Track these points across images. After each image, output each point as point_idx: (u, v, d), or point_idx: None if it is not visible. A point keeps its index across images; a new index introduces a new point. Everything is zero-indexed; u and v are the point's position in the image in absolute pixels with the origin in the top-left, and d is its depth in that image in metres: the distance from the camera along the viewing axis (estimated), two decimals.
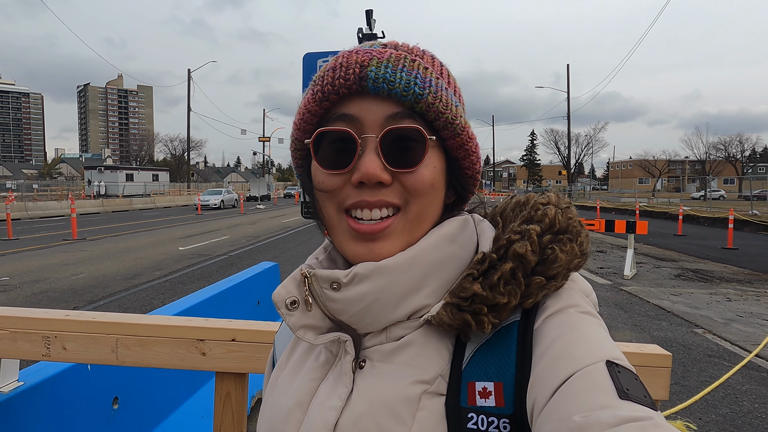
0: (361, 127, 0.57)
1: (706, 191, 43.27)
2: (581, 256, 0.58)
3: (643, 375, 1.32)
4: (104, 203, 33.00)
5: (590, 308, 0.56)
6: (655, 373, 1.33)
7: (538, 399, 0.47)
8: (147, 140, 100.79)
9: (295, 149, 0.67)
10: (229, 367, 1.48)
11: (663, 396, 1.35)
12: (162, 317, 1.58)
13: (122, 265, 10.47)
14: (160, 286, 8.45)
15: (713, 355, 5.20)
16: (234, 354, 1.47)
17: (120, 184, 49.14)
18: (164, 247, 13.46)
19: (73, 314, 1.56)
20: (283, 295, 0.62)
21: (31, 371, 1.90)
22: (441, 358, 0.56)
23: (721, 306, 7.34)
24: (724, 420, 3.77)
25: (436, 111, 0.58)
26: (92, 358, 1.52)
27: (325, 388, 0.59)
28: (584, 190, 64.01)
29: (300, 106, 0.63)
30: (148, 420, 2.53)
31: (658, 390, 1.34)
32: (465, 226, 0.63)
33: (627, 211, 30.01)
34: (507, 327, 0.55)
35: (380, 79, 0.56)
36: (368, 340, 0.59)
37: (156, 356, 1.50)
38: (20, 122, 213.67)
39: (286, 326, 0.75)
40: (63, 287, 8.30)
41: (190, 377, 2.99)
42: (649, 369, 1.33)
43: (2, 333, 1.54)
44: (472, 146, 0.63)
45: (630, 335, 5.87)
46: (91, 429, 2.10)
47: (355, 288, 0.57)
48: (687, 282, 9.22)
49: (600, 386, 0.44)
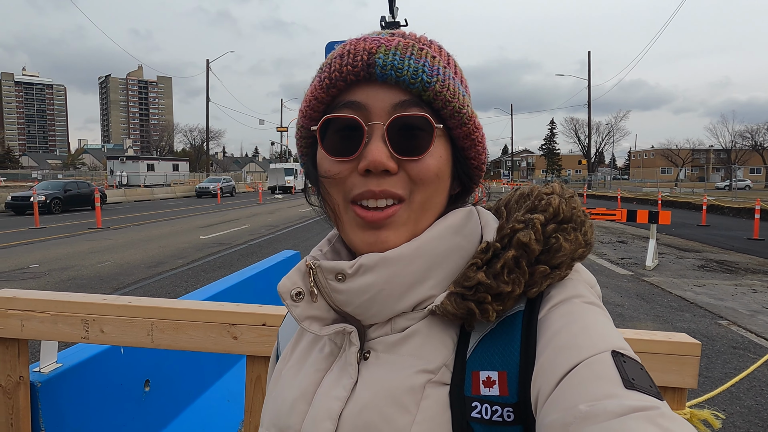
0: (368, 114, 0.57)
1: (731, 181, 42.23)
2: (585, 246, 0.58)
3: (671, 363, 1.33)
4: (126, 193, 33.61)
5: (595, 299, 0.56)
6: (683, 361, 1.33)
7: (543, 388, 0.47)
8: (167, 131, 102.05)
9: (301, 137, 0.66)
10: (260, 351, 1.51)
11: (691, 384, 1.34)
12: (195, 302, 1.62)
13: (146, 254, 10.69)
14: (183, 273, 8.61)
15: (738, 347, 5.12)
16: (265, 338, 1.50)
17: (141, 174, 49.93)
18: (186, 236, 13.68)
19: (110, 298, 1.61)
20: (288, 287, 0.62)
21: (68, 353, 1.97)
22: (445, 348, 0.56)
23: (746, 297, 7.20)
24: (749, 412, 3.73)
25: (444, 99, 0.57)
26: (128, 341, 1.57)
27: (329, 379, 0.59)
28: (605, 180, 62.96)
29: (306, 93, 0.63)
30: (177, 402, 2.60)
31: (687, 378, 1.34)
32: (469, 217, 0.63)
33: (649, 201, 29.48)
34: (511, 317, 0.55)
35: (388, 66, 0.56)
36: (373, 332, 0.60)
37: (189, 340, 1.54)
38: (44, 113, 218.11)
39: (289, 318, 0.76)
40: (90, 274, 8.52)
41: (217, 362, 3.06)
42: (677, 357, 1.33)
43: (43, 316, 1.60)
44: (478, 136, 0.63)
45: (652, 326, 5.81)
46: (124, 410, 2.18)
47: (360, 279, 0.57)
48: (711, 273, 9.05)
49: (606, 376, 0.44)
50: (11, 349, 1.67)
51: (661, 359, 1.33)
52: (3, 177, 48.01)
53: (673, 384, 1.34)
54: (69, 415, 1.87)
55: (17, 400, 1.68)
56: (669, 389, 1.35)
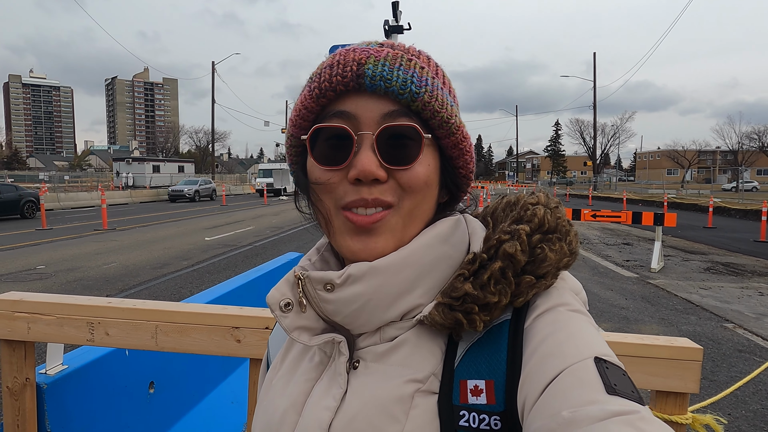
0: (357, 124, 0.58)
1: (738, 182, 41.98)
2: (570, 255, 0.59)
3: (673, 368, 1.33)
4: (132, 194, 33.78)
5: (580, 306, 0.57)
6: (685, 366, 1.33)
7: (528, 396, 0.48)
8: (172, 132, 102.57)
9: (291, 146, 0.66)
10: (263, 354, 1.52)
11: (693, 389, 1.34)
12: (199, 305, 1.63)
13: (151, 255, 10.74)
14: (188, 275, 8.65)
15: (744, 351, 5.09)
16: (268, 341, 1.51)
17: (147, 176, 50.16)
18: (191, 238, 13.74)
19: (115, 301, 1.63)
20: (277, 298, 0.62)
21: (73, 355, 1.99)
22: (434, 357, 0.56)
23: (752, 300, 7.15)
24: (755, 416, 3.71)
25: (432, 110, 0.58)
26: (133, 344, 1.59)
27: (319, 389, 0.59)
28: (610, 181, 62.73)
29: (296, 102, 0.63)
30: (181, 404, 2.62)
31: (689, 383, 1.34)
32: (457, 227, 0.63)
33: (654, 202, 29.34)
34: (498, 326, 0.56)
35: (377, 76, 0.56)
36: (362, 341, 0.60)
37: (193, 342, 1.56)
38: (51, 115, 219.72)
39: (279, 328, 0.76)
40: (96, 275, 8.57)
41: (221, 364, 3.08)
42: (679, 362, 1.33)
43: (49, 319, 1.62)
44: (466, 146, 0.64)
45: (657, 329, 5.79)
46: (129, 412, 2.19)
47: (348, 289, 0.57)
48: (717, 275, 9.00)
49: (588, 382, 0.45)
50: (18, 351, 1.69)
51: (664, 364, 1.33)
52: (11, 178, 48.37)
53: (675, 389, 1.34)
54: (74, 416, 1.89)
55: (24, 401, 1.70)
56: (671, 394, 1.35)
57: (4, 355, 1.70)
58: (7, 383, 1.69)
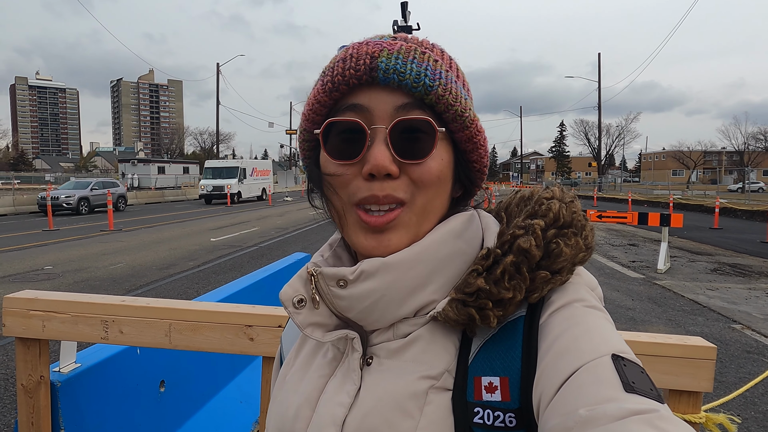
0: (370, 117, 0.57)
1: (744, 183, 41.74)
2: (586, 250, 0.58)
3: (686, 367, 1.33)
4: (138, 195, 33.91)
5: (596, 302, 0.56)
6: (698, 365, 1.33)
7: (544, 393, 0.47)
8: (177, 134, 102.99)
9: (303, 140, 0.66)
10: (276, 352, 1.53)
11: (707, 388, 1.34)
12: (212, 303, 1.64)
13: (157, 256, 10.78)
14: (194, 276, 8.68)
15: (752, 352, 5.06)
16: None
17: (152, 177, 50.43)
18: (196, 238, 13.78)
19: (129, 300, 1.64)
20: (290, 294, 0.62)
21: (86, 354, 2.01)
22: (447, 354, 0.56)
23: (760, 301, 7.11)
24: (764, 417, 3.69)
25: (446, 103, 0.58)
26: (147, 342, 1.60)
27: (333, 385, 0.59)
28: (615, 182, 62.52)
29: (309, 96, 0.63)
30: (191, 403, 2.63)
31: (702, 382, 1.33)
32: (471, 222, 0.63)
33: (660, 203, 29.21)
34: (513, 322, 0.55)
35: (390, 69, 0.56)
36: (375, 337, 0.60)
37: (206, 340, 1.57)
38: (57, 117, 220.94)
39: (292, 324, 0.76)
40: (103, 276, 8.62)
41: (230, 363, 3.09)
42: (692, 360, 1.33)
43: (64, 317, 1.64)
44: (480, 140, 0.63)
45: (664, 330, 5.76)
46: (141, 410, 2.21)
47: (361, 285, 0.57)
48: (724, 276, 8.95)
49: (606, 380, 0.44)
50: (32, 349, 1.70)
51: (676, 363, 1.33)
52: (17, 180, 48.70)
53: (688, 387, 1.34)
54: (87, 414, 1.91)
55: (38, 399, 1.71)
56: (684, 393, 1.35)
57: (19, 353, 1.71)
58: (22, 381, 1.71)
